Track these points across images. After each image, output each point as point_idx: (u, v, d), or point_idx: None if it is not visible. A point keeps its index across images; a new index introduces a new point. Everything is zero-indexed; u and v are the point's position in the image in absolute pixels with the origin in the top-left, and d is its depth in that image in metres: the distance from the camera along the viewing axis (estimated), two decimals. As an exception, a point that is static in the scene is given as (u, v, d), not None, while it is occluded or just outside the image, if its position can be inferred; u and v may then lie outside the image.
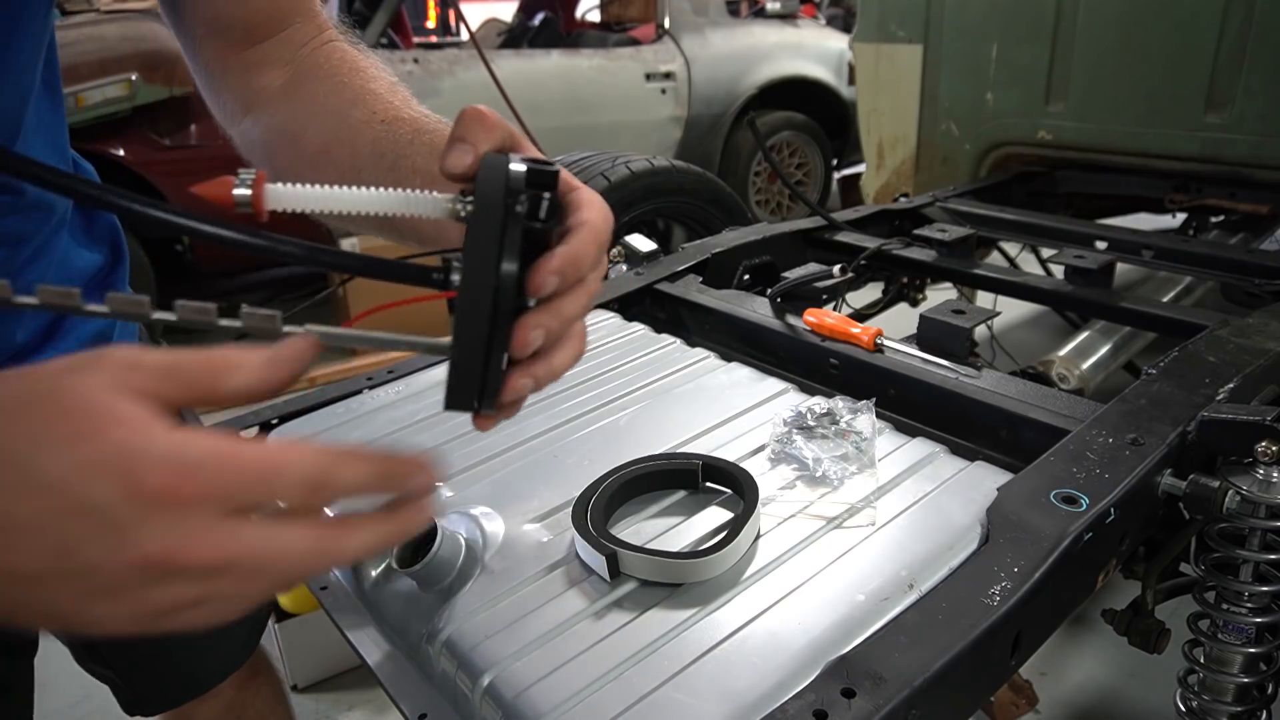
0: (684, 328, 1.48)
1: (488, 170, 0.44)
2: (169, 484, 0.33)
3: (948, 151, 2.59)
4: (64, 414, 0.33)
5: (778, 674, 0.68)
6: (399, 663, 0.82)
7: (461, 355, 0.42)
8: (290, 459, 0.36)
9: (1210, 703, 0.92)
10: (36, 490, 0.32)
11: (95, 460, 0.32)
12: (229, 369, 0.37)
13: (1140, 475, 0.86)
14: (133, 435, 0.33)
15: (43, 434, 0.33)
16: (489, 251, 0.42)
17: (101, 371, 0.35)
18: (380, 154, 0.66)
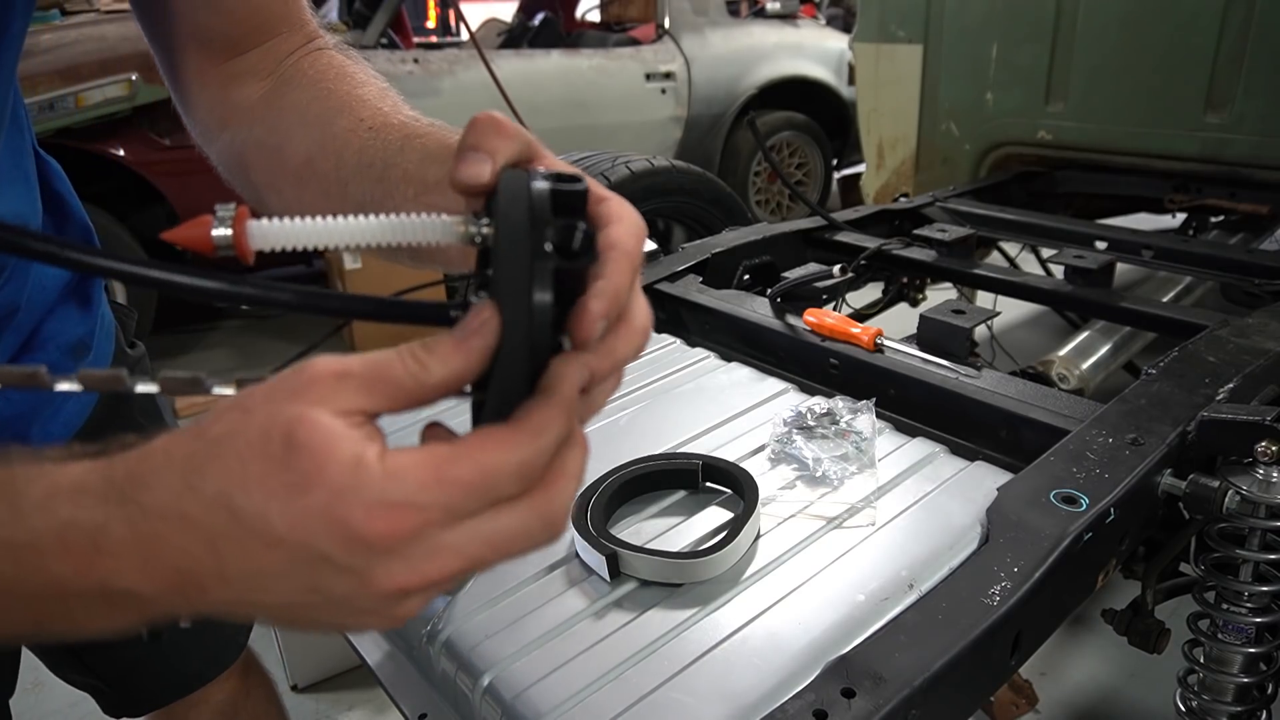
0: (684, 328, 1.47)
1: (508, 190, 0.39)
2: (386, 530, 0.33)
3: (948, 152, 2.59)
4: (277, 461, 0.33)
5: (778, 674, 0.68)
6: (399, 663, 0.82)
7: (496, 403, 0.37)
8: (500, 462, 0.35)
9: (1210, 703, 0.92)
10: (271, 543, 0.34)
11: (313, 513, 0.33)
12: (427, 364, 0.36)
13: (1140, 475, 0.86)
14: (344, 479, 0.33)
15: (262, 484, 0.33)
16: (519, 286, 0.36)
17: (306, 398, 0.34)
18: (368, 163, 0.61)
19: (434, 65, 3.61)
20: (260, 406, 0.34)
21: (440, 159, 0.58)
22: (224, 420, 0.35)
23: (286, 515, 0.33)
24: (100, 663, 0.93)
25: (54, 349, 0.69)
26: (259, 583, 0.35)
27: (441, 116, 0.63)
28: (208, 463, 0.34)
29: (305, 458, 0.33)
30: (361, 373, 0.35)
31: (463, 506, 0.35)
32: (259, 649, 1.11)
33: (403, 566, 0.35)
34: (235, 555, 0.34)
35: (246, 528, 0.34)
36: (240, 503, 0.33)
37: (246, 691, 1.07)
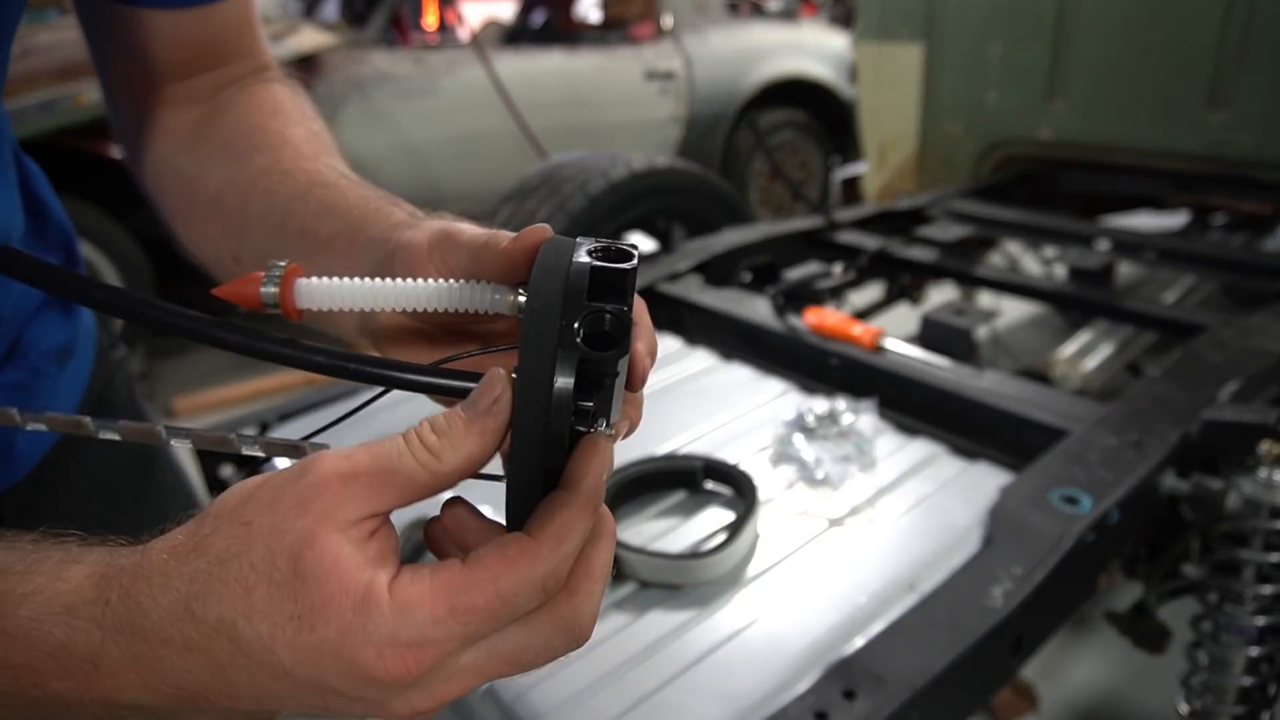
0: (684, 328, 1.47)
1: (545, 261, 0.36)
2: (400, 670, 0.32)
3: (949, 151, 2.58)
4: (283, 589, 0.32)
5: (778, 675, 0.68)
6: (398, 664, 0.82)
7: (515, 486, 0.35)
8: (520, 582, 0.33)
9: (1212, 704, 0.92)
10: (278, 675, 0.32)
11: (322, 651, 0.32)
12: (439, 454, 0.34)
13: (1143, 476, 0.86)
14: (353, 617, 0.31)
15: (268, 616, 0.32)
16: (542, 374, 0.33)
17: (313, 512, 0.33)
18: (270, 208, 0.57)
19: (434, 65, 3.61)
20: (263, 519, 0.33)
21: (337, 214, 0.54)
22: (225, 535, 0.33)
23: (294, 651, 0.32)
24: None
25: (37, 356, 0.68)
26: (270, 701, 0.34)
27: (441, 116, 0.62)
28: (210, 588, 0.32)
29: (313, 589, 0.31)
30: (370, 470, 0.34)
31: (480, 633, 0.33)
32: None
33: (419, 694, 0.34)
34: (242, 681, 0.33)
35: (252, 658, 0.32)
36: (245, 633, 0.32)
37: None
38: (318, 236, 0.54)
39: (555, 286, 0.34)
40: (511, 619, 0.33)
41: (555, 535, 0.33)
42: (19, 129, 0.68)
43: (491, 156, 3.63)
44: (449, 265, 0.45)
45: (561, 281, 0.34)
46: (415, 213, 0.53)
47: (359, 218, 0.53)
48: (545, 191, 1.88)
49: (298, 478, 0.33)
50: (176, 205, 0.66)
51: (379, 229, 0.51)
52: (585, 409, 0.35)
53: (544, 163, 2.07)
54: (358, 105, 3.36)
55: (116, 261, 3.09)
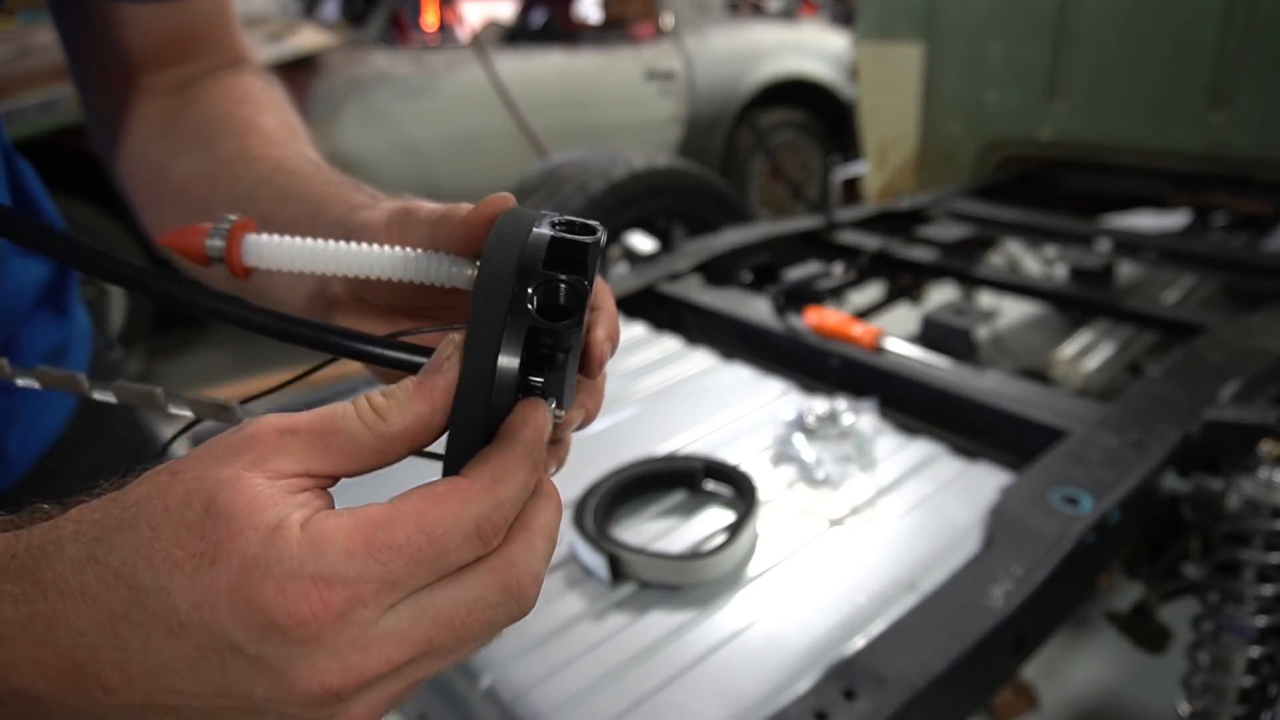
0: (684, 328, 1.47)
1: (502, 230, 0.35)
2: (303, 611, 0.27)
3: (949, 151, 2.58)
4: (191, 529, 0.28)
5: (779, 676, 0.67)
6: (398, 664, 0.82)
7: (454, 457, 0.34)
8: (448, 520, 0.29)
9: (1213, 704, 0.92)
10: (172, 628, 0.28)
11: (218, 589, 0.27)
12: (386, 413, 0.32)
13: (1143, 476, 0.86)
14: (255, 549, 0.27)
15: (169, 555, 0.28)
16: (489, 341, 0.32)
17: (242, 459, 0.30)
18: (234, 195, 0.56)
19: (434, 65, 3.61)
20: (190, 468, 0.30)
21: (298, 198, 0.53)
22: (148, 482, 0.30)
23: (190, 591, 0.27)
24: None
25: (31, 357, 0.68)
26: (165, 680, 0.29)
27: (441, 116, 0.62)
28: (118, 530, 0.29)
29: (221, 525, 0.28)
30: (310, 427, 0.31)
31: (403, 579, 0.28)
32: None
33: (329, 660, 0.28)
34: (136, 643, 0.28)
35: (147, 607, 0.28)
36: (144, 579, 0.28)
37: None
38: (279, 221, 0.51)
39: (510, 254, 0.33)
40: (441, 568, 0.29)
41: (490, 476, 0.30)
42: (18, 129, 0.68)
43: (491, 156, 3.63)
44: (407, 241, 0.43)
45: (518, 249, 0.33)
46: (376, 195, 0.51)
47: (319, 201, 0.51)
48: (545, 191, 1.88)
49: (235, 432, 0.31)
50: (146, 197, 0.64)
51: (338, 211, 0.49)
52: (534, 385, 0.34)
53: (544, 163, 2.07)
54: (358, 105, 3.36)
55: (116, 261, 3.09)
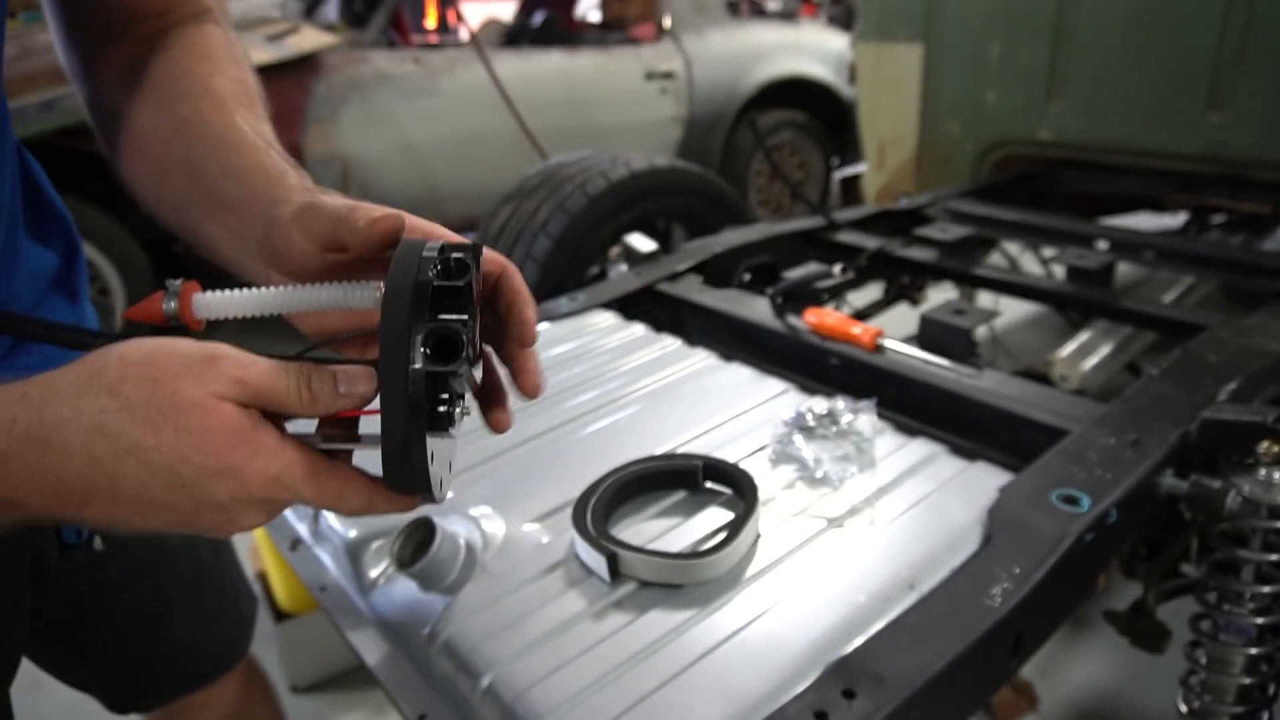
0: (684, 328, 1.47)
1: (399, 258, 0.44)
2: (270, 494, 0.45)
3: (948, 151, 2.58)
4: (193, 431, 0.42)
5: (778, 675, 0.68)
6: (398, 663, 0.82)
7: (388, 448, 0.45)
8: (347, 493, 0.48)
9: (1212, 703, 0.92)
10: (172, 485, 0.42)
11: (220, 470, 0.43)
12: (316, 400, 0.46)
13: (1141, 476, 0.86)
14: (250, 457, 0.43)
15: (182, 445, 0.42)
16: (399, 354, 0.43)
17: (215, 383, 0.43)
18: (187, 162, 0.62)
19: (434, 65, 3.61)
20: (175, 381, 0.42)
21: (237, 180, 0.59)
22: (134, 384, 0.42)
23: (193, 469, 0.42)
24: (105, 659, 0.93)
25: (36, 354, 0.69)
26: (143, 511, 0.43)
27: (441, 116, 0.62)
28: (123, 420, 0.41)
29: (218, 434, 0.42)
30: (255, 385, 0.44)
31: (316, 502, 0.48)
32: (258, 650, 1.11)
33: (261, 514, 0.47)
34: (133, 490, 0.42)
35: (154, 474, 0.42)
36: (154, 458, 0.41)
37: (248, 695, 1.07)
38: (221, 198, 0.60)
39: (409, 273, 0.44)
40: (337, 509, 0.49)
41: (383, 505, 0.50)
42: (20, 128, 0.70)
43: (491, 156, 3.63)
44: (313, 233, 0.52)
45: (408, 302, 0.43)
46: (305, 186, 0.59)
47: (254, 187, 0.59)
48: (545, 191, 1.88)
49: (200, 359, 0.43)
50: (113, 143, 0.68)
51: (264, 202, 0.57)
52: (441, 399, 0.45)
53: (544, 163, 2.07)
54: (358, 105, 3.36)
55: (116, 262, 3.09)
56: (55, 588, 0.81)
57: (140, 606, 0.91)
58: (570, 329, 1.37)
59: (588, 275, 1.86)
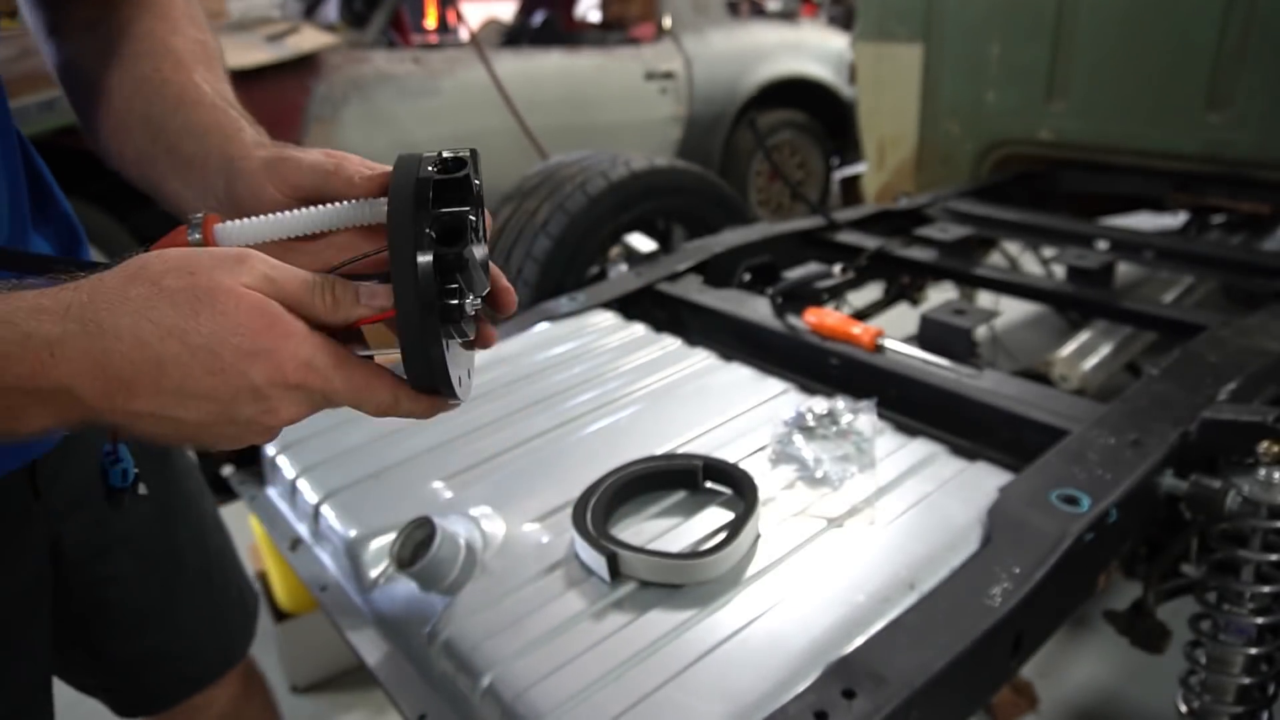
0: (684, 328, 1.47)
1: (399, 167, 0.48)
2: (303, 380, 0.46)
3: (948, 151, 2.58)
4: (229, 314, 0.44)
5: (778, 674, 0.68)
6: (399, 663, 0.82)
7: (406, 340, 0.46)
8: (374, 386, 0.49)
9: (1211, 703, 0.92)
10: (213, 370, 0.44)
11: (256, 352, 0.44)
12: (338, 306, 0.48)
13: (1141, 475, 0.86)
14: (283, 339, 0.45)
15: (220, 328, 0.44)
16: (406, 252, 0.45)
17: (247, 275, 0.45)
18: (148, 119, 0.65)
19: (434, 65, 3.61)
20: (211, 272, 0.44)
21: (195, 136, 0.62)
22: (174, 277, 0.44)
23: (232, 352, 0.44)
24: (115, 656, 0.93)
25: None
26: (185, 402, 0.45)
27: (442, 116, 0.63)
28: (170, 309, 0.43)
29: (256, 318, 0.45)
30: (283, 283, 0.47)
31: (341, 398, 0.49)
32: (258, 652, 1.11)
33: (295, 406, 0.47)
34: (176, 375, 0.44)
35: (195, 356, 0.44)
36: (194, 340, 0.43)
37: (247, 698, 1.07)
38: (180, 155, 0.63)
39: (410, 177, 0.46)
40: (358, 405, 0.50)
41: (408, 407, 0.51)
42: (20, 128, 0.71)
43: (491, 156, 3.61)
44: (290, 184, 0.56)
45: (411, 198, 0.45)
46: (261, 141, 0.61)
47: (211, 144, 0.61)
48: (545, 191, 1.88)
49: (234, 257, 0.46)
50: (78, 101, 0.71)
51: (222, 158, 0.60)
52: (453, 289, 0.46)
53: (544, 163, 2.07)
54: (358, 105, 3.36)
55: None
56: (69, 578, 0.81)
57: (149, 601, 0.91)
58: (570, 329, 1.37)
59: (588, 275, 1.86)
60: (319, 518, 0.99)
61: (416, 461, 1.04)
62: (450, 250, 0.46)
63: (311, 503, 1.00)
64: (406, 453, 1.05)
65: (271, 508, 1.08)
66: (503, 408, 1.14)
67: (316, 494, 1.00)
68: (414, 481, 1.00)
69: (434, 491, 0.97)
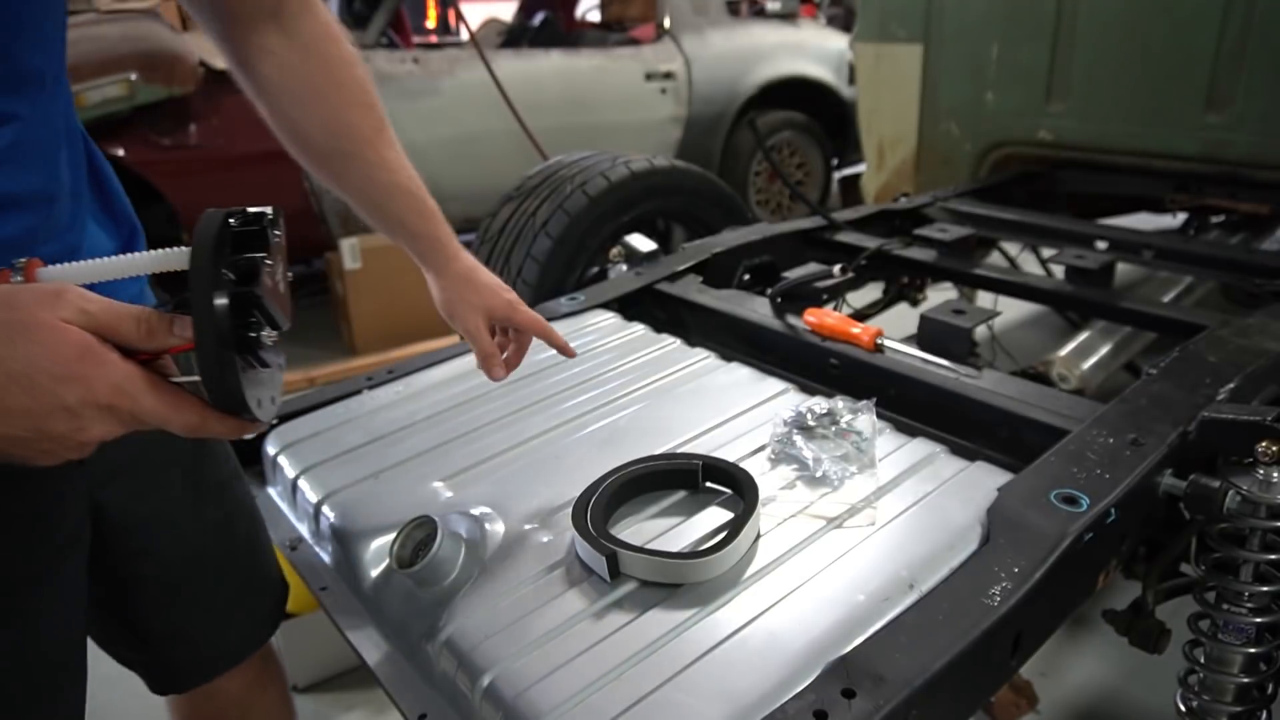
0: (684, 328, 1.47)
1: (203, 219, 0.53)
2: (113, 401, 0.52)
3: (948, 151, 2.59)
4: (44, 344, 0.49)
5: (778, 674, 0.68)
6: (399, 663, 0.82)
7: (203, 368, 0.52)
8: (183, 407, 0.55)
9: (1210, 703, 0.92)
10: (35, 393, 0.49)
11: (68, 378, 0.50)
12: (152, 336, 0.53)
13: (1141, 475, 0.86)
14: (96, 366, 0.51)
15: (35, 355, 0.49)
16: (204, 291, 0.51)
17: (63, 310, 0.50)
18: (363, 192, 0.90)
19: (434, 65, 3.61)
20: (30, 307, 0.50)
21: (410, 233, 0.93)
22: None
23: (47, 380, 0.49)
24: (150, 631, 0.96)
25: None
26: (2, 417, 0.49)
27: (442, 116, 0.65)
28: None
29: (70, 349, 0.50)
30: (98, 316, 0.52)
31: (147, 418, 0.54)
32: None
33: (106, 424, 0.53)
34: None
35: (12, 379, 0.49)
36: (11, 367, 0.49)
37: (263, 687, 1.09)
38: (409, 229, 0.93)
39: (210, 232, 0.52)
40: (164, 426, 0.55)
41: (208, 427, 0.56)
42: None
43: (491, 157, 3.63)
44: (486, 310, 0.96)
45: (211, 244, 0.52)
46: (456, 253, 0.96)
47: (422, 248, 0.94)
48: (545, 191, 1.88)
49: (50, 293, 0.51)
50: (273, 122, 0.87)
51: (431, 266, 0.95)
52: (250, 323, 0.54)
53: (544, 163, 2.07)
54: (357, 105, 3.36)
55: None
56: (109, 547, 0.86)
57: (178, 579, 0.94)
58: (570, 329, 1.37)
59: (588, 275, 1.86)
60: (319, 517, 0.99)
61: (416, 461, 1.04)
62: (244, 290, 0.53)
63: (312, 502, 1.00)
64: (406, 453, 1.05)
65: (272, 507, 1.08)
66: (502, 408, 1.14)
67: (317, 494, 1.00)
68: (414, 481, 1.00)
69: (434, 491, 0.97)
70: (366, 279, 3.31)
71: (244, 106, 0.87)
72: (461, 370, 1.26)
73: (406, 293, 3.41)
